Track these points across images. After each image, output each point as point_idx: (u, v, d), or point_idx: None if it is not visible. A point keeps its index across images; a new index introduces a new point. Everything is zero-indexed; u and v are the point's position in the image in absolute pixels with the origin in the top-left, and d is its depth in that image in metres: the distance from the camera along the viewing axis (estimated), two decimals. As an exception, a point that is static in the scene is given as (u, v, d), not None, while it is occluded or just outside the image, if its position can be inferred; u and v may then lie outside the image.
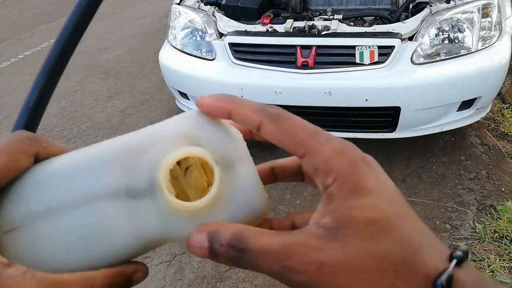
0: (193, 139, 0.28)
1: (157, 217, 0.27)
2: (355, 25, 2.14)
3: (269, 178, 0.33)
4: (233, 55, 2.13)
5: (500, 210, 1.99)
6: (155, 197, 0.27)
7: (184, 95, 2.42)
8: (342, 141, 0.25)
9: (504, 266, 1.75)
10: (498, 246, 1.84)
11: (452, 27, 2.02)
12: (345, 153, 0.25)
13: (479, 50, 1.99)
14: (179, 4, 2.43)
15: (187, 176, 0.31)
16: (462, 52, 1.99)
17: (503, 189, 2.14)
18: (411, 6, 2.28)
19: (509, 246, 1.83)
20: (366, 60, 1.97)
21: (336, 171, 0.24)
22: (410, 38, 2.01)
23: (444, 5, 2.05)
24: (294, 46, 2.03)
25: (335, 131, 2.19)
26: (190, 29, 2.34)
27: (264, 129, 0.26)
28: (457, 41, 2.01)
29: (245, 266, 0.25)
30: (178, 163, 0.29)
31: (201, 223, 0.26)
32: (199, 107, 0.29)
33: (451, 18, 2.01)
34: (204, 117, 0.29)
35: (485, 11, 2.02)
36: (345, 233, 0.23)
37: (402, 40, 1.97)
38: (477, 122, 2.28)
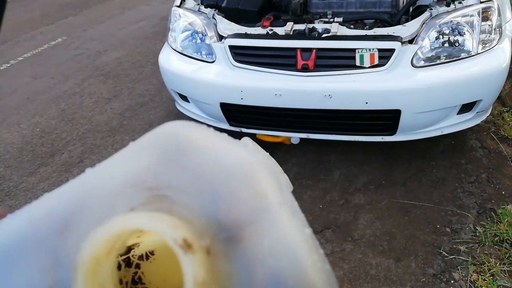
0: (162, 193, 0.15)
1: None
2: (355, 28, 2.14)
3: None
4: (233, 58, 2.13)
5: (501, 213, 1.98)
6: None
7: (184, 98, 2.41)
8: None
9: (504, 270, 1.74)
10: (499, 250, 1.84)
11: (452, 30, 2.01)
12: None
13: (479, 53, 1.99)
14: (179, 6, 2.43)
15: (150, 263, 0.19)
16: (462, 55, 1.99)
17: (503, 193, 2.13)
18: (411, 9, 2.28)
19: (510, 250, 1.82)
20: (367, 63, 1.96)
21: None
22: (411, 41, 2.01)
23: (444, 8, 2.05)
24: (294, 49, 2.03)
25: (335, 134, 2.18)
26: (190, 32, 2.33)
27: None
28: (457, 44, 2.01)
29: None
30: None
31: None
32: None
33: (451, 21, 2.01)
34: (193, 142, 0.15)
35: (485, 15, 2.02)
36: None
37: (403, 43, 1.97)
38: (478, 125, 2.28)
